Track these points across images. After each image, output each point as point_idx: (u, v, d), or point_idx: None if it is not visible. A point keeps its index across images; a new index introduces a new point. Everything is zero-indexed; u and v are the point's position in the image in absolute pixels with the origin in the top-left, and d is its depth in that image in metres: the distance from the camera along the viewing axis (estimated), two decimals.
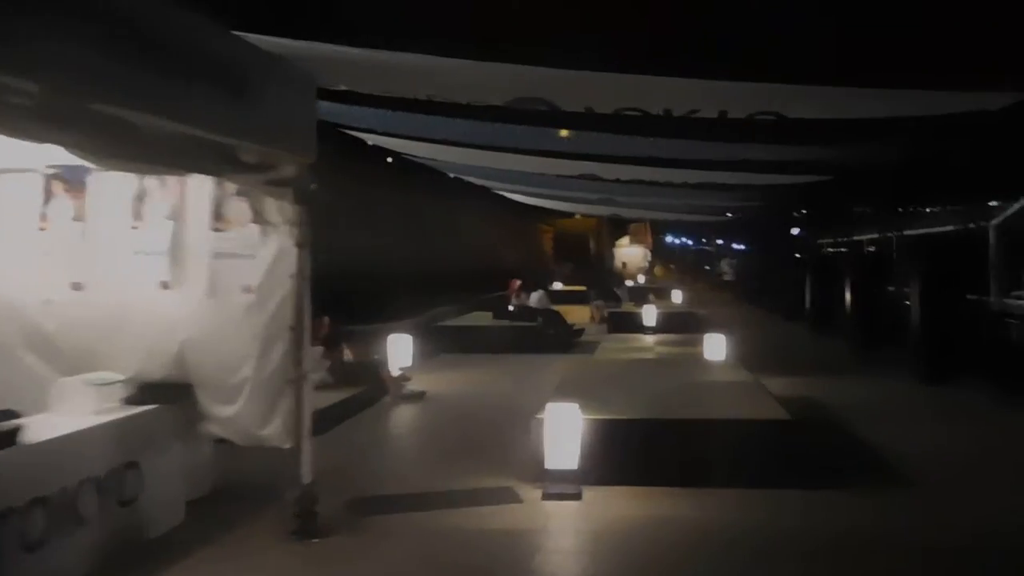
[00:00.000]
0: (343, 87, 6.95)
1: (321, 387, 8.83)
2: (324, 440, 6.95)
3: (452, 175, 19.51)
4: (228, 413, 4.59)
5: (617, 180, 12.72)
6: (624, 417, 5.52)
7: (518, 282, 14.99)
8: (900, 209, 14.37)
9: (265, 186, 4.16)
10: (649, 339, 13.79)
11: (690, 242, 73.41)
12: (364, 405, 8.46)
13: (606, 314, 16.21)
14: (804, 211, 17.56)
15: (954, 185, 12.08)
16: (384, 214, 17.26)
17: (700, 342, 10.08)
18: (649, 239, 37.38)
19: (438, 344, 12.99)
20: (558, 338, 13.16)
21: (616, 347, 11.75)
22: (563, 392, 6.43)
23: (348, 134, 13.50)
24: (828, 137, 7.60)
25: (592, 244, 34.00)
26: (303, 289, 4.48)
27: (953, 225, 12.16)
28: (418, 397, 9.05)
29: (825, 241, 17.90)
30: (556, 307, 15.11)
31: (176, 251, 4.50)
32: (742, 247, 53.69)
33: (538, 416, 5.35)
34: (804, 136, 7.46)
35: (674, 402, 6.03)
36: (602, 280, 18.48)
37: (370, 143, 14.47)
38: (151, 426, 4.44)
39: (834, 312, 13.78)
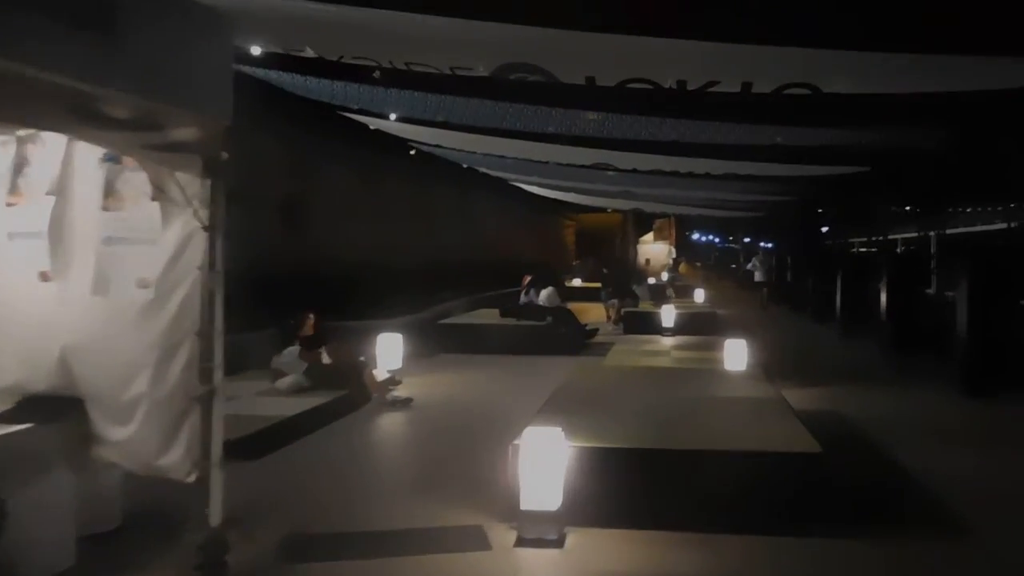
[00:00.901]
0: (309, 51, 6.07)
1: (297, 391, 8.05)
2: (276, 458, 6.11)
3: (465, 165, 18.70)
4: (121, 436, 3.71)
5: (634, 170, 11.74)
6: (619, 445, 4.56)
7: (528, 278, 14.06)
8: (949, 208, 13.18)
9: (154, 151, 3.27)
10: (666, 342, 12.81)
11: (716, 240, 72.05)
12: (339, 413, 7.58)
13: (623, 313, 15.20)
14: (835, 207, 16.40)
15: (1003, 179, 10.93)
16: (391, 204, 16.43)
17: (720, 346, 9.10)
18: (674, 236, 36.28)
19: (439, 343, 12.14)
20: (568, 339, 12.21)
21: (628, 350, 10.78)
22: (553, 408, 5.50)
23: (351, 119, 12.71)
24: (866, 117, 6.54)
25: (617, 240, 33.03)
26: (215, 284, 3.58)
27: (1004, 222, 10.99)
28: (403, 404, 8.16)
29: (858, 239, 16.74)
30: (571, 305, 14.15)
31: (57, 233, 3.63)
32: (769, 245, 52.30)
33: (515, 442, 4.42)
34: (840, 115, 6.40)
35: (682, 425, 5.05)
36: (622, 277, 17.36)
37: (372, 128, 13.67)
38: (23, 450, 3.59)
39: (867, 315, 12.67)
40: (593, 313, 15.89)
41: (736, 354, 8.08)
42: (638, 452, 4.45)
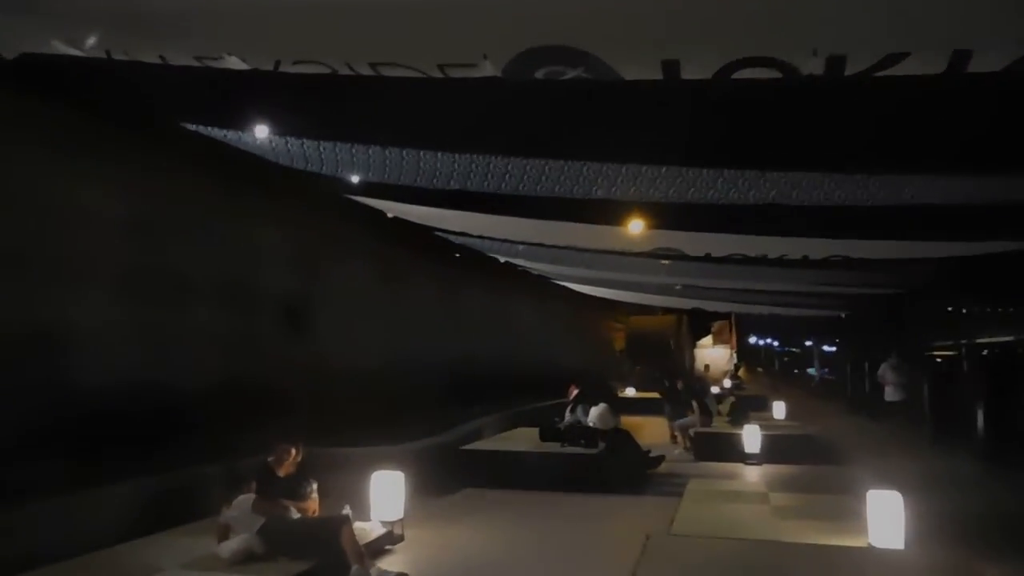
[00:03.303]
0: (235, 60, 3.96)
1: (244, 559, 5.59)
2: None
3: (503, 260, 16.67)
4: None
5: (707, 257, 9.28)
6: None
7: (575, 390, 11.50)
8: None
9: None
10: (755, 477, 10.03)
11: (775, 343, 68.52)
12: None
13: (692, 434, 12.39)
14: (959, 299, 13.52)
15: None
16: (413, 304, 14.27)
17: (840, 487, 6.46)
18: (734, 339, 33.37)
19: (464, 474, 9.57)
20: (628, 471, 9.53)
21: (707, 493, 8.07)
22: None
23: (363, 203, 10.82)
24: None
25: (671, 344, 30.34)
26: None
27: None
28: None
29: (994, 339, 13.73)
30: (625, 419, 11.50)
31: None
32: (832, 349, 48.62)
33: None
34: None
35: None
36: (690, 388, 14.42)
37: (390, 215, 11.79)
38: None
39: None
40: (650, 431, 13.14)
41: (888, 517, 5.35)
42: None
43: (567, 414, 10.70)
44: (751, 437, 10.97)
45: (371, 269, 12.91)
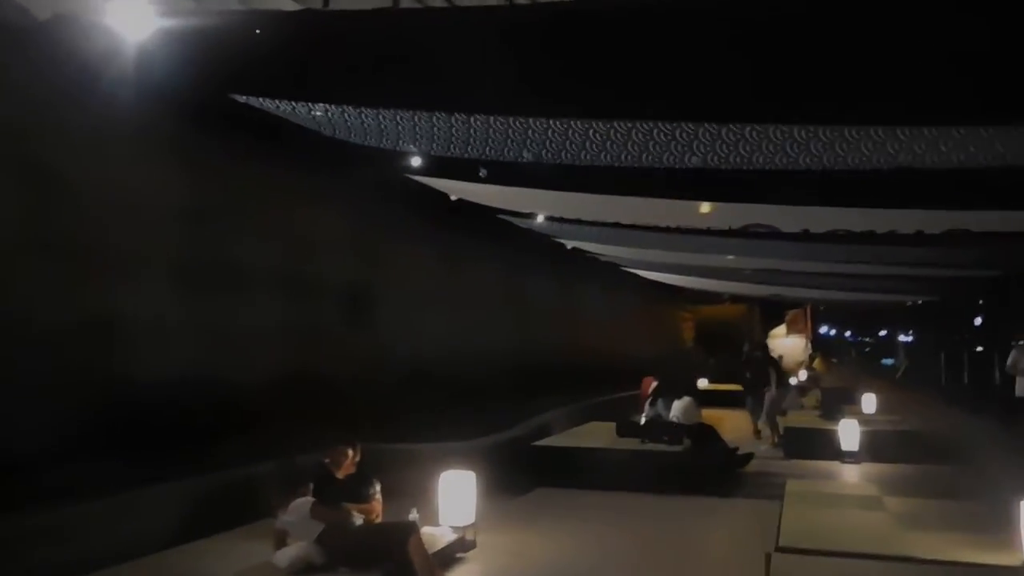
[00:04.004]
0: None
1: (302, 569, 5.07)
2: None
3: (570, 246, 15.92)
4: None
5: (804, 234, 8.35)
6: None
7: (653, 382, 10.70)
8: None
9: None
10: (856, 476, 9.11)
11: (848, 333, 66.07)
12: None
13: (782, 430, 11.47)
14: None
15: None
16: (474, 291, 13.64)
17: (956, 489, 5.68)
18: (810, 328, 31.81)
19: (536, 472, 8.93)
20: (715, 470, 8.73)
21: (808, 494, 7.14)
22: None
23: (421, 183, 10.17)
24: None
25: (744, 334, 29.09)
26: None
27: None
28: None
29: None
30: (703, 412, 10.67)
31: None
32: (908, 339, 46.31)
33: None
34: None
35: None
36: (767, 376, 13.35)
37: (453, 199, 11.11)
38: None
39: None
40: (731, 425, 12.26)
41: None
42: None
43: (647, 407, 9.94)
44: (848, 433, 10.01)
45: (432, 256, 12.32)
